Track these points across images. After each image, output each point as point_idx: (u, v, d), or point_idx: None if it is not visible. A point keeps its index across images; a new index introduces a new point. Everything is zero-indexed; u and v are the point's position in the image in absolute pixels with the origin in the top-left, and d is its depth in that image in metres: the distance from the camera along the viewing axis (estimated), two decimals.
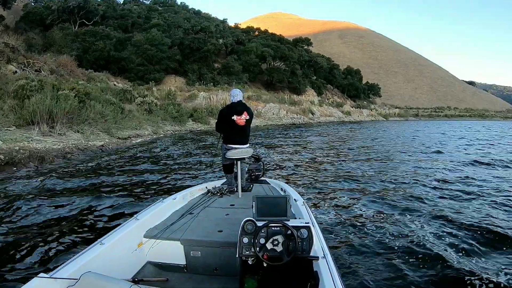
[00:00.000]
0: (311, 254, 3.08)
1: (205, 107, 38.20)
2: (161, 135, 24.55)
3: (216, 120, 6.49)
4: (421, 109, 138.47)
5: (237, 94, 6.38)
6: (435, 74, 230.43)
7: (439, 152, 19.24)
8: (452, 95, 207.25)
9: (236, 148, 6.18)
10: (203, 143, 20.75)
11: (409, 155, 17.63)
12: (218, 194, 5.88)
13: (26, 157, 11.40)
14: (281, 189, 6.10)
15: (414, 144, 24.14)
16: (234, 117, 6.19)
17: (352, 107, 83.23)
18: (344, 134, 33.72)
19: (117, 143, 17.84)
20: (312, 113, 60.02)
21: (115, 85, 37.70)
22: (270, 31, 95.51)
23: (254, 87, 62.54)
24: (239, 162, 5.98)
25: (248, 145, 6.40)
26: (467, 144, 24.98)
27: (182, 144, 20.23)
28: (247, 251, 3.07)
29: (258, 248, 3.00)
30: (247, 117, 6.26)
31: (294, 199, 4.94)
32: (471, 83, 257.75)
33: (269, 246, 2.99)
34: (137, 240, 3.94)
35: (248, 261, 3.10)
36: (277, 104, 52.37)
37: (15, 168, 10.77)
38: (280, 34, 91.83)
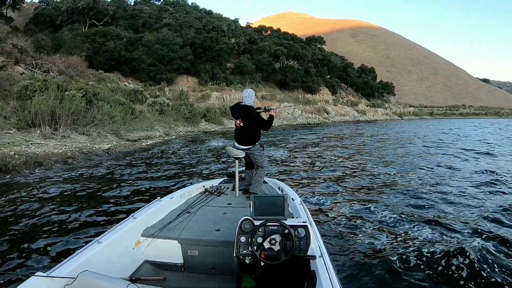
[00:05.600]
0: (309, 253, 3.10)
1: (218, 107, 37.06)
2: (173, 137, 23.57)
3: None
4: (436, 108, 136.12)
5: (244, 96, 6.23)
6: (449, 72, 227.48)
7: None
8: (467, 93, 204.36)
9: (236, 146, 6.22)
10: (216, 145, 19.55)
11: (416, 156, 16.98)
12: (216, 193, 5.87)
13: (22, 163, 10.24)
14: (279, 188, 6.11)
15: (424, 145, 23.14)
16: (234, 118, 6.29)
17: (367, 106, 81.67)
18: (352, 133, 33.08)
19: (126, 145, 16.73)
20: (327, 113, 58.65)
21: (126, 85, 36.86)
22: (282, 30, 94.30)
23: (267, 86, 61.54)
24: (236, 161, 6.07)
25: (247, 147, 6.18)
26: None
27: (195, 146, 19.14)
28: (244, 250, 3.10)
29: (255, 247, 3.01)
30: (241, 124, 6.13)
31: (292, 198, 4.88)
32: (485, 80, 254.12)
33: (266, 245, 2.99)
34: (135, 239, 3.93)
35: (246, 260, 3.12)
36: (291, 104, 50.94)
37: (8, 176, 9.63)
38: (292, 33, 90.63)
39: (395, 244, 5.68)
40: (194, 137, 24.70)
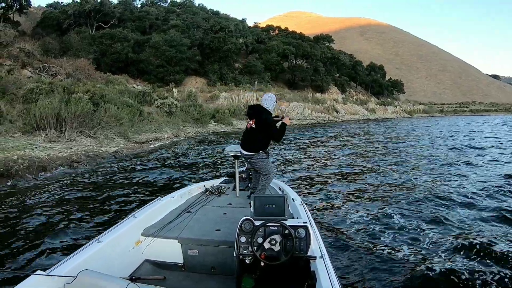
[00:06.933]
0: (309, 253, 3.09)
1: (227, 107, 36.79)
2: (182, 138, 23.32)
3: None
4: (446, 105, 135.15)
5: (264, 98, 5.84)
6: (458, 69, 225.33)
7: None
8: (477, 90, 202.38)
9: (240, 152, 5.80)
10: (225, 147, 19.17)
11: (416, 157, 16.22)
12: (216, 193, 5.81)
13: (25, 168, 9.86)
14: (279, 189, 6.04)
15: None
16: (249, 119, 5.87)
17: (377, 104, 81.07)
18: (360, 132, 32.68)
19: (134, 148, 16.40)
20: (337, 112, 58.19)
21: (134, 87, 36.65)
22: (290, 29, 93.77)
23: (276, 86, 61.12)
24: (236, 161, 6.03)
25: (250, 153, 5.65)
26: None
27: (203, 148, 18.75)
28: (244, 250, 3.08)
29: (255, 247, 3.00)
30: (253, 125, 5.65)
31: (292, 199, 4.85)
32: (495, 76, 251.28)
33: (266, 245, 2.98)
34: (135, 238, 3.93)
35: (246, 260, 3.10)
36: (301, 103, 50.61)
37: (10, 181, 9.27)
38: (300, 32, 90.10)
39: (397, 245, 5.61)
40: (203, 138, 24.40)
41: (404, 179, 10.83)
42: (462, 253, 5.20)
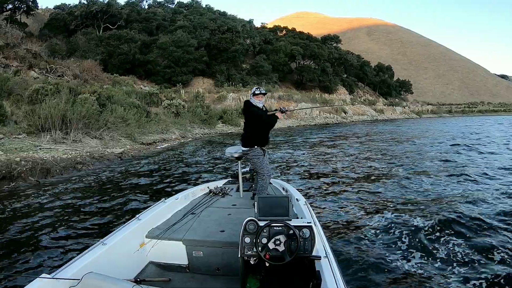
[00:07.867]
0: (313, 253, 3.08)
1: (235, 108, 36.46)
2: (190, 139, 23.13)
3: None
4: (454, 105, 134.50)
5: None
6: (466, 69, 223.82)
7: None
8: (485, 90, 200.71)
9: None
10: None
11: (417, 155, 16.04)
12: (220, 194, 5.83)
13: (28, 170, 9.55)
14: (283, 189, 6.06)
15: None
16: None
17: (385, 105, 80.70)
18: (367, 132, 31.97)
19: (140, 149, 16.13)
20: (345, 112, 57.88)
21: (141, 88, 36.53)
22: (297, 30, 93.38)
23: (284, 86, 60.76)
24: (239, 162, 6.13)
25: (246, 148, 5.64)
26: None
27: (211, 148, 18.50)
28: (249, 251, 3.06)
29: (260, 248, 2.99)
30: (244, 120, 5.79)
31: (296, 199, 4.95)
32: (503, 76, 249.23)
33: (271, 245, 2.96)
34: (139, 240, 3.93)
35: (250, 261, 3.10)
36: (309, 104, 50.20)
37: (12, 184, 8.98)
38: (307, 33, 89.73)
39: (401, 245, 5.55)
40: (210, 139, 24.18)
41: (411, 178, 10.65)
42: (478, 264, 4.92)
